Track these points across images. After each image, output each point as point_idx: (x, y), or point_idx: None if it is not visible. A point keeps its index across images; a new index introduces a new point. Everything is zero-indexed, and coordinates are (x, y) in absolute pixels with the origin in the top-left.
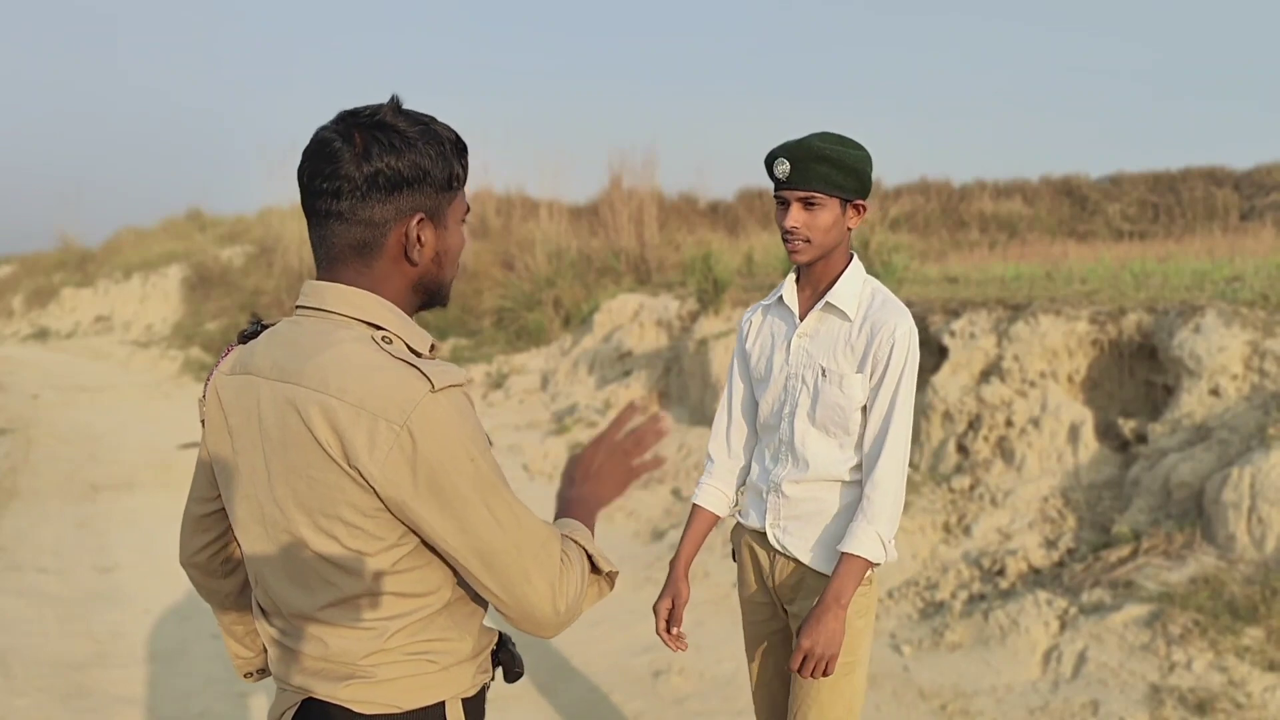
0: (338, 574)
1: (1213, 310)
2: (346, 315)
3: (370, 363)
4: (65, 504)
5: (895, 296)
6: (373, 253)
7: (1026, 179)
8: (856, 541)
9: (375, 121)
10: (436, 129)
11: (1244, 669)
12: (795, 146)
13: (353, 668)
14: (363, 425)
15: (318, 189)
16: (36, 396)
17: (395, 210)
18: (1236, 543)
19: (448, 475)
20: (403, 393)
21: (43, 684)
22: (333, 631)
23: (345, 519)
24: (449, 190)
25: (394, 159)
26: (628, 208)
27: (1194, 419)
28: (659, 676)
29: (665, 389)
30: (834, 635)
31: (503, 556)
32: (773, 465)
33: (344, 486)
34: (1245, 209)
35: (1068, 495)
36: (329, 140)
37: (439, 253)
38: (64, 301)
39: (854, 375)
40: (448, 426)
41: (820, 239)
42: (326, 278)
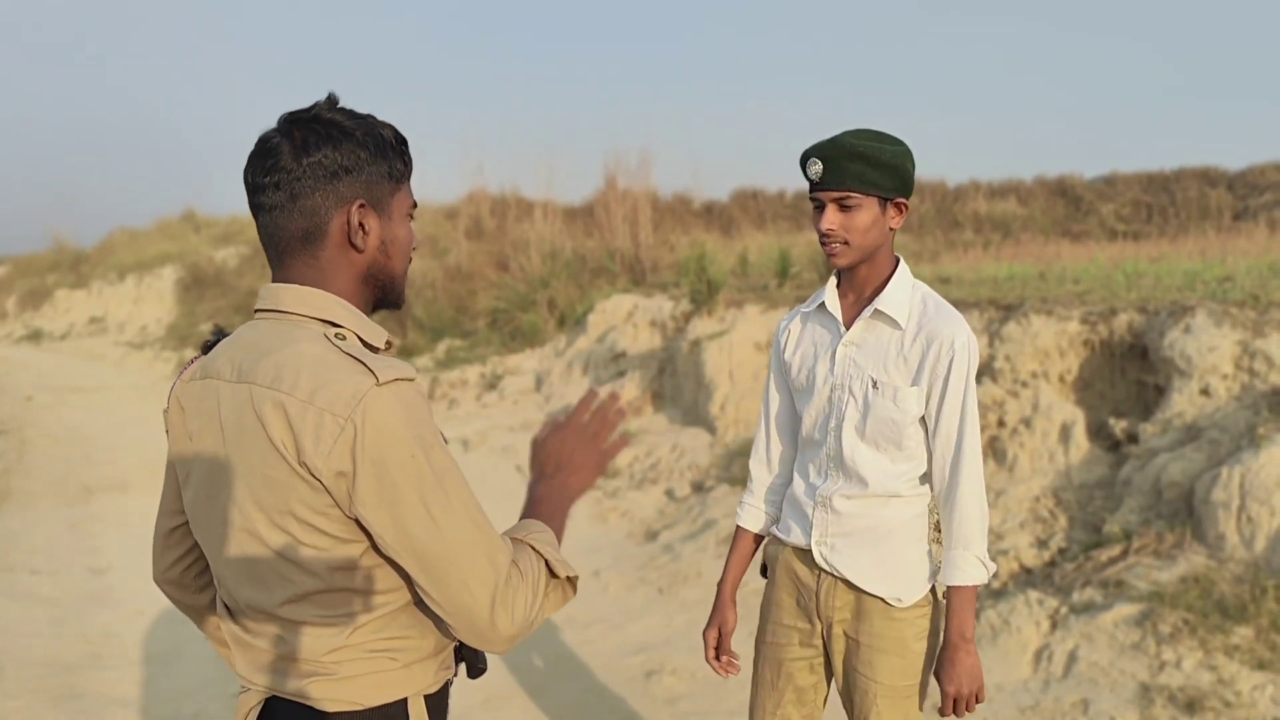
0: (295, 571)
1: (1203, 310)
2: (302, 315)
3: (320, 359)
4: (58, 505)
5: (948, 303)
6: (318, 241)
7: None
8: (960, 572)
9: (312, 116)
10: (374, 124)
11: (1233, 667)
12: (828, 145)
13: (315, 665)
14: (310, 420)
15: (259, 184)
16: (30, 398)
17: (336, 197)
18: (1226, 542)
19: (389, 470)
20: (348, 387)
21: (35, 686)
22: (293, 629)
23: (299, 516)
24: (390, 181)
25: (330, 149)
26: (622, 208)
27: (1185, 419)
28: (651, 677)
29: (659, 390)
30: (973, 671)
31: (439, 561)
32: (819, 480)
33: (295, 484)
34: (1239, 209)
35: (1059, 495)
36: (269, 138)
37: (384, 241)
38: (58, 303)
39: (908, 388)
40: (392, 419)
41: (859, 241)
42: (279, 276)
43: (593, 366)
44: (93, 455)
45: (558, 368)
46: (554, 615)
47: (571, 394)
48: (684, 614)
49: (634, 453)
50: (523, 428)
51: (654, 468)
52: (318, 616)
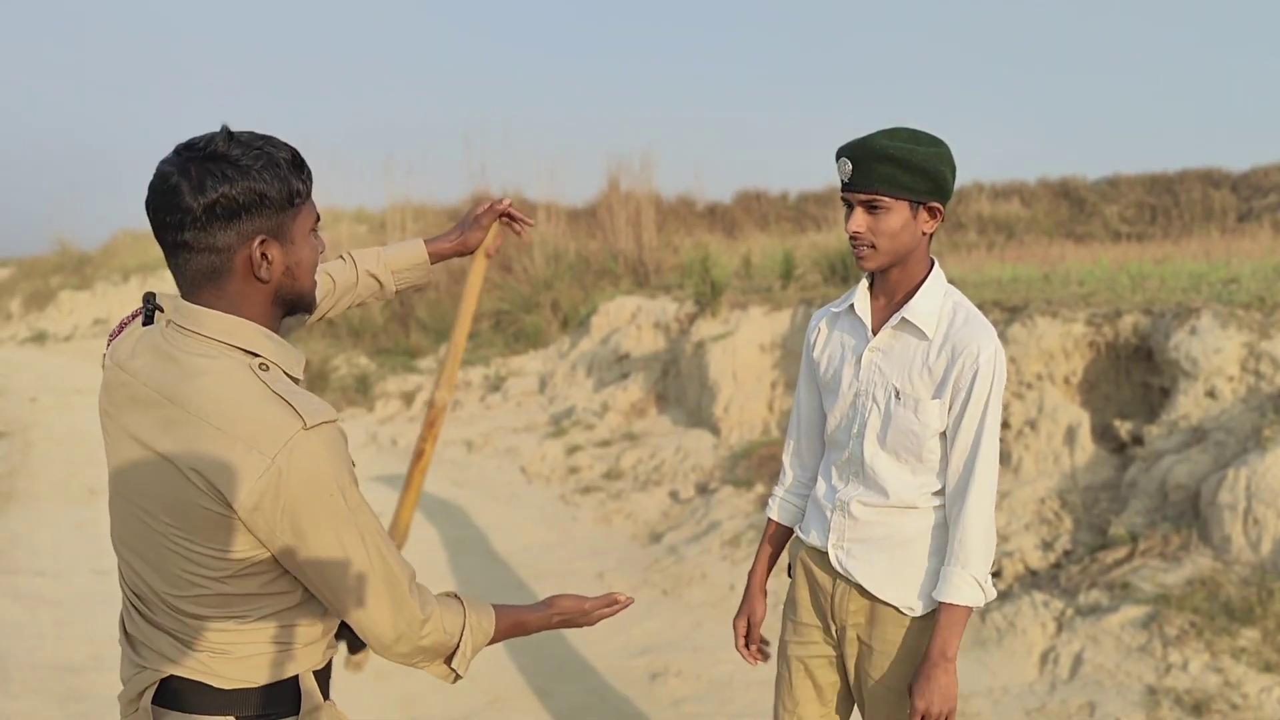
0: (199, 574)
1: (1209, 312)
2: (224, 341)
3: (246, 393)
4: (63, 507)
5: (979, 311)
6: (223, 276)
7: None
8: (954, 589)
9: (208, 153)
10: (270, 151)
11: (1240, 670)
12: (858, 145)
13: (214, 648)
14: (235, 453)
15: (162, 222)
16: (34, 399)
17: (237, 235)
18: (1233, 544)
19: (307, 507)
20: (276, 427)
21: (39, 687)
22: (197, 619)
23: (206, 530)
24: (290, 207)
25: (228, 188)
26: (625, 210)
27: (1190, 421)
28: (656, 679)
29: (663, 391)
30: (947, 691)
31: (341, 581)
32: (841, 484)
33: (206, 505)
34: (1243, 211)
35: (1064, 497)
36: (168, 175)
37: (289, 266)
38: (62, 304)
39: (930, 401)
40: (316, 463)
41: (888, 245)
42: (190, 299)
43: (596, 368)
44: (96, 457)
45: (561, 369)
46: None
47: (575, 395)
48: (688, 616)
49: (638, 454)
50: (526, 429)
51: (658, 469)
52: (220, 611)
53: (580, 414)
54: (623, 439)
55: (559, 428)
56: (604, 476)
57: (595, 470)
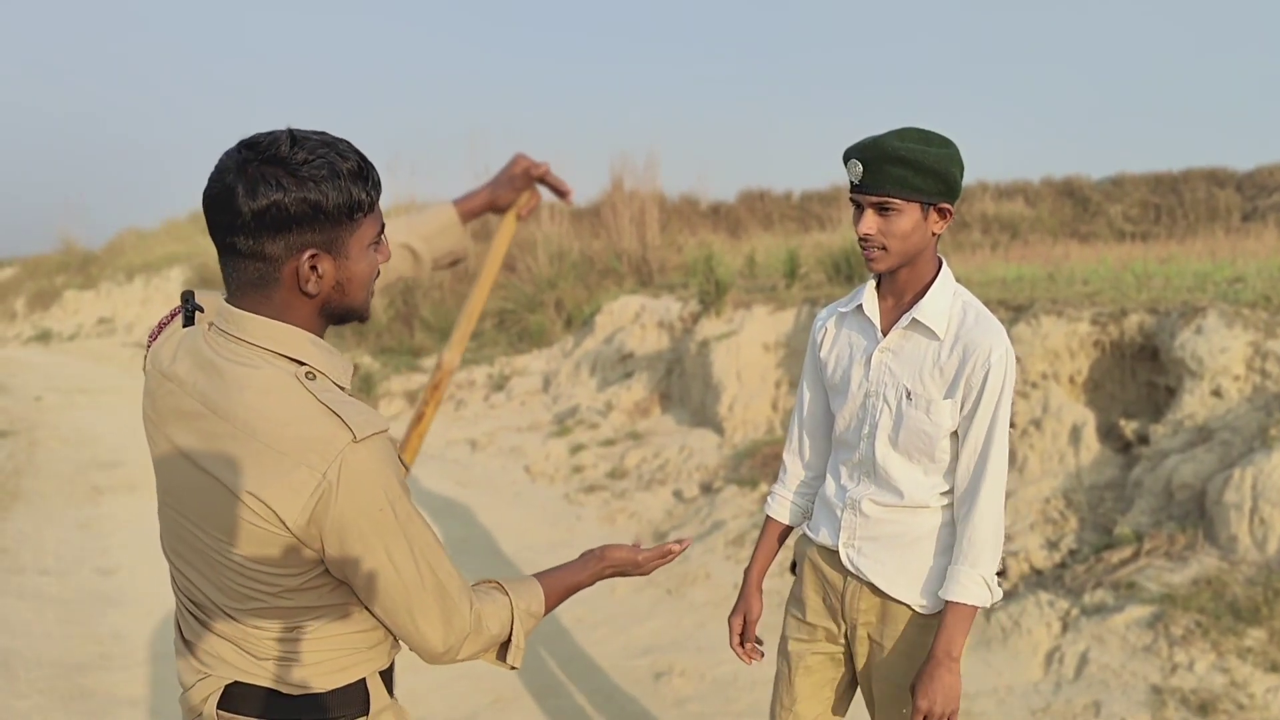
0: (256, 589)
1: (1214, 311)
2: (269, 349)
3: (293, 405)
4: (67, 506)
5: (988, 311)
6: (269, 285)
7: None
8: (961, 588)
9: (267, 156)
10: (333, 159)
11: (1246, 670)
12: (869, 146)
13: (280, 654)
14: (285, 469)
15: (215, 222)
16: (39, 399)
17: (285, 246)
18: (1238, 544)
19: (356, 522)
20: (325, 441)
21: (44, 686)
22: (258, 629)
23: (259, 548)
24: (349, 220)
25: (281, 196)
26: (629, 209)
27: (1196, 420)
28: (660, 678)
29: (667, 390)
30: (951, 691)
31: (391, 595)
32: (851, 483)
33: (258, 523)
34: (1247, 210)
35: (1069, 496)
36: (225, 173)
37: (340, 281)
38: (66, 304)
39: (942, 401)
40: (366, 476)
41: (898, 247)
42: (236, 303)
43: (600, 367)
44: (101, 456)
45: (565, 368)
46: (562, 617)
47: (579, 394)
48: (692, 615)
49: (642, 454)
50: (530, 428)
51: (662, 469)
52: (282, 621)
53: (584, 413)
54: (627, 438)
55: (563, 427)
56: (608, 476)
57: (599, 469)
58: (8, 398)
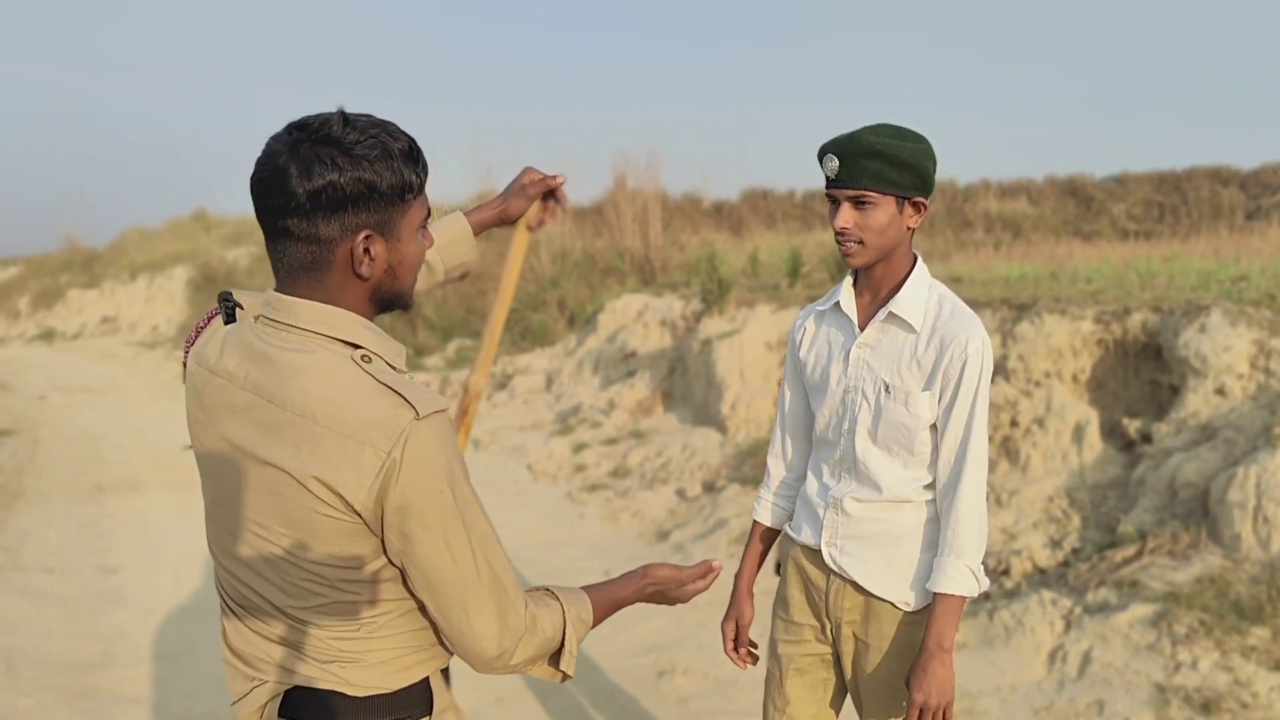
0: (321, 585)
1: (1218, 310)
2: (321, 334)
3: (352, 388)
4: (70, 505)
5: (964, 304)
6: (322, 269)
7: (1031, 179)
8: (948, 579)
9: (320, 136)
10: (385, 140)
11: (1250, 669)
12: (845, 141)
13: (342, 655)
14: (349, 452)
15: (265, 205)
16: (42, 397)
17: (341, 228)
18: (1242, 542)
19: (417, 502)
20: (388, 420)
21: (47, 684)
22: (320, 628)
23: (325, 538)
24: (401, 202)
25: (336, 176)
26: (632, 208)
27: (1199, 419)
28: (663, 677)
29: (669, 389)
30: (945, 683)
31: (446, 587)
32: (832, 481)
33: (325, 509)
34: (1251, 208)
35: (1073, 495)
36: (276, 155)
37: (392, 265)
38: (70, 303)
39: (921, 393)
40: (429, 454)
41: (875, 240)
42: (286, 290)
43: (603, 366)
44: (104, 455)
45: (568, 367)
46: None
47: (582, 393)
48: (695, 614)
49: (644, 452)
50: (533, 427)
51: (664, 467)
52: (347, 620)
53: (587, 412)
54: (629, 437)
55: (565, 426)
56: (611, 474)
57: (602, 468)
58: (11, 397)
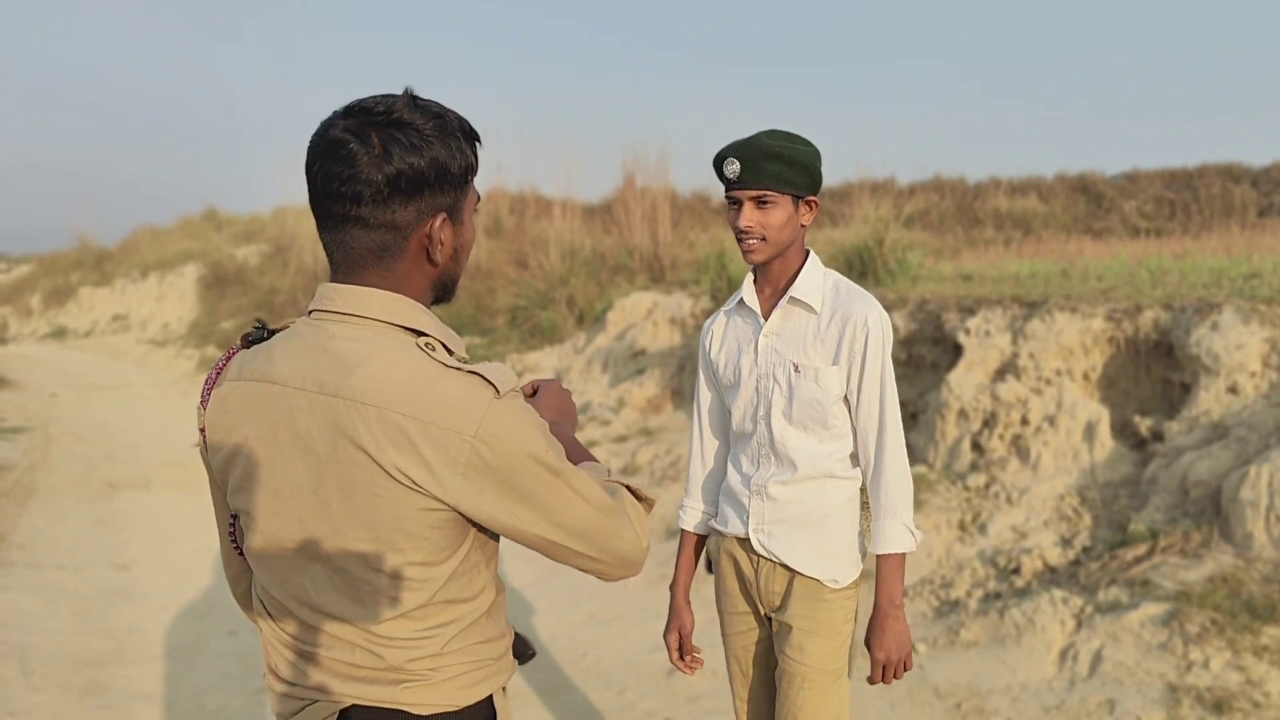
0: (398, 588)
1: (1230, 307)
2: (382, 321)
3: (425, 373)
4: (82, 502)
5: (858, 285)
6: (394, 256)
7: (1041, 176)
8: (889, 539)
9: (392, 119)
10: (449, 120)
11: (1262, 668)
12: (744, 145)
13: (406, 673)
14: (432, 439)
15: (334, 192)
16: (54, 395)
17: (418, 212)
18: (1254, 541)
19: (525, 476)
20: (469, 403)
21: (60, 680)
22: (388, 640)
23: (410, 531)
24: (466, 184)
25: (416, 158)
26: (641, 206)
27: (1211, 417)
28: (672, 674)
29: (678, 387)
30: (901, 637)
31: (593, 528)
32: (752, 469)
33: (408, 501)
34: (1263, 205)
35: (1084, 493)
36: (344, 141)
37: (456, 249)
38: (81, 301)
39: (829, 368)
40: (517, 429)
41: (775, 237)
42: (346, 280)
43: (612, 364)
44: (116, 452)
45: (577, 365)
46: (574, 613)
47: (591, 391)
48: (704, 611)
49: (654, 450)
50: None
51: (674, 465)
52: (414, 630)
53: (596, 410)
54: (639, 434)
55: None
56: (620, 472)
57: (612, 466)
58: (23, 394)
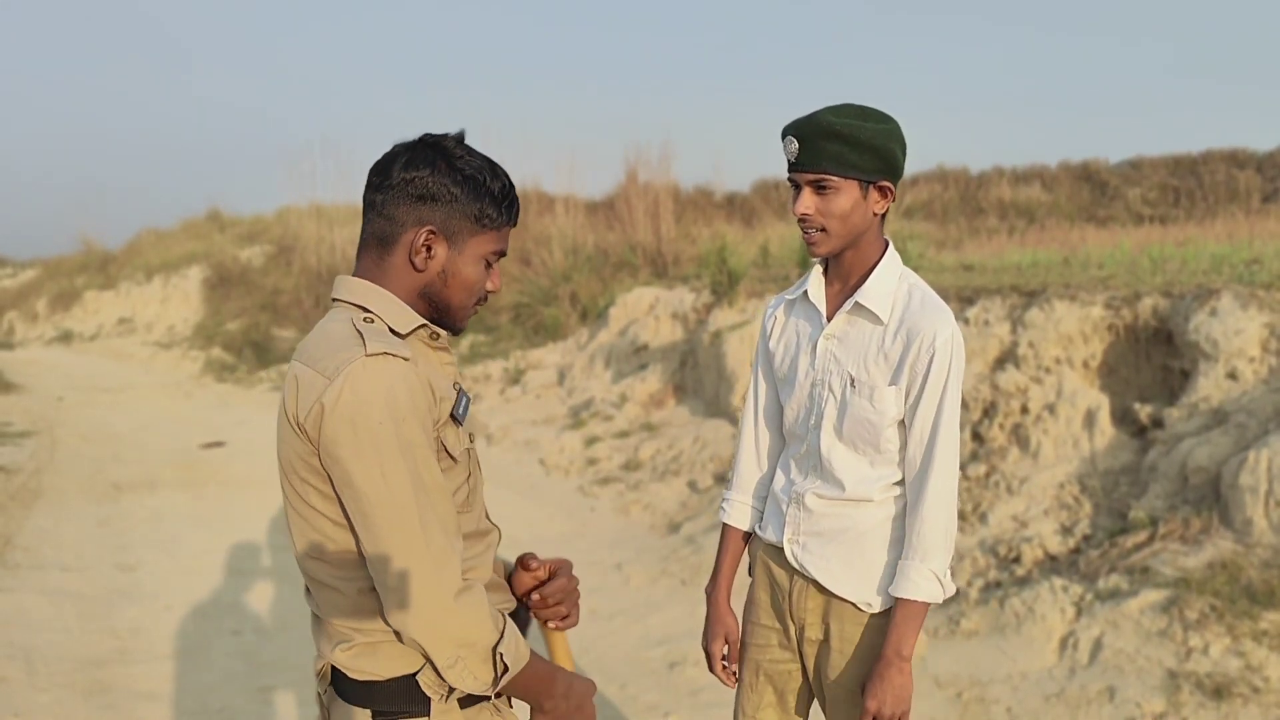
0: (311, 530)
1: (1229, 293)
2: (349, 302)
3: (334, 334)
4: (88, 503)
5: (936, 294)
6: (387, 247)
7: (1045, 165)
8: (912, 585)
9: (433, 142)
10: (485, 172)
11: (1262, 653)
12: (804, 122)
13: (342, 632)
14: (305, 382)
15: (370, 183)
16: (61, 398)
17: (414, 216)
18: (1254, 527)
19: (355, 429)
20: (342, 354)
21: (64, 680)
22: (320, 590)
23: (302, 476)
24: (474, 223)
25: (428, 173)
26: (643, 201)
27: (1211, 403)
28: (674, 668)
29: (681, 382)
30: (901, 691)
31: (379, 516)
32: (799, 477)
33: (297, 444)
34: (1268, 191)
35: (1084, 482)
36: (396, 148)
37: (446, 271)
38: (87, 304)
39: (886, 388)
40: (368, 385)
41: (838, 228)
42: (357, 265)
43: (614, 360)
44: (121, 454)
45: (580, 361)
46: None
47: (594, 387)
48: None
49: (656, 445)
50: (545, 421)
51: (676, 460)
52: (336, 580)
53: (599, 405)
54: (641, 430)
55: (578, 420)
56: (622, 468)
57: (614, 461)
58: (30, 398)
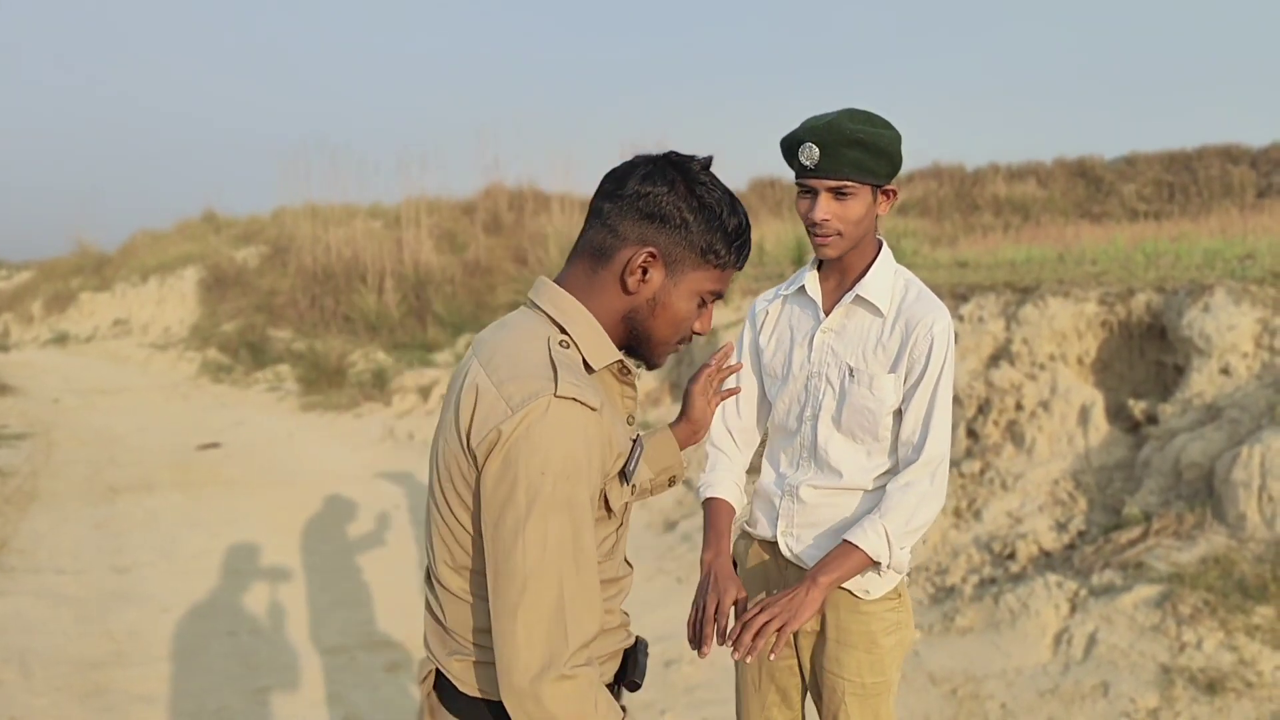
0: (452, 539)
1: (1222, 289)
2: (547, 314)
3: (528, 355)
4: (84, 505)
5: (929, 289)
6: (602, 260)
7: (1040, 161)
8: (861, 533)
9: (678, 162)
10: (725, 207)
11: (1255, 648)
12: (825, 129)
13: (461, 643)
14: (487, 400)
15: (602, 189)
16: (57, 400)
17: (637, 233)
18: (1247, 522)
19: (513, 473)
20: (531, 384)
21: (61, 683)
22: (448, 597)
23: (456, 486)
24: (697, 255)
25: (665, 192)
26: None
27: (1204, 399)
28: (670, 666)
29: (676, 380)
30: (794, 603)
31: (505, 578)
32: (790, 470)
33: (461, 459)
34: (1262, 186)
35: (1078, 478)
36: (638, 159)
37: (657, 299)
38: (82, 306)
39: (886, 376)
40: (550, 435)
41: (852, 231)
42: (561, 274)
43: None
44: (118, 456)
45: None
46: None
47: None
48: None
49: None
50: None
51: None
52: (467, 590)
53: None
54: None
55: None
56: None
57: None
58: (26, 400)
